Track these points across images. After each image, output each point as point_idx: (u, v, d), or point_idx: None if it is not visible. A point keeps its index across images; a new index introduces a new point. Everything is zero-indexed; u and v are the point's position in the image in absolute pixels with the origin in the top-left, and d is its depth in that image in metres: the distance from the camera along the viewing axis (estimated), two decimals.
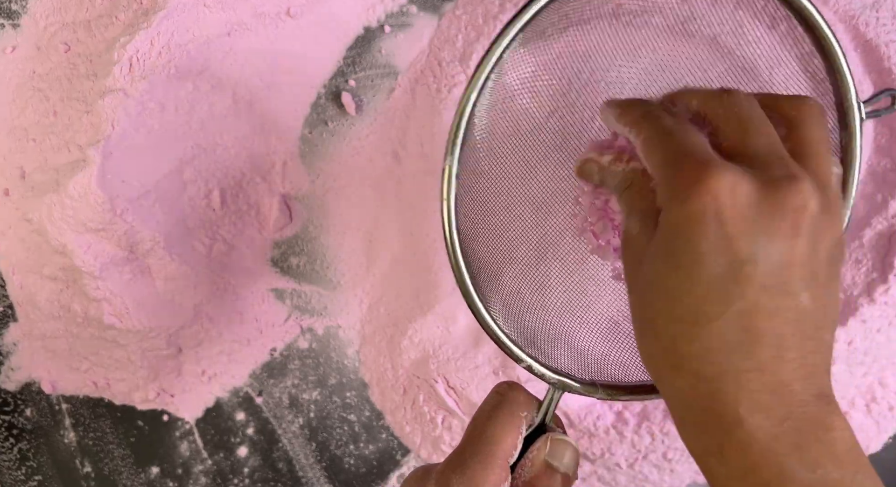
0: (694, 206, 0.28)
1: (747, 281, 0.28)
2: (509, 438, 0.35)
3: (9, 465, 0.60)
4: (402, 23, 0.58)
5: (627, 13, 0.40)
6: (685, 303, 0.29)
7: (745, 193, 0.28)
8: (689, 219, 0.28)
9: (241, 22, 0.54)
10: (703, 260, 0.28)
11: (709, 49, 0.41)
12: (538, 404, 0.37)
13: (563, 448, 0.36)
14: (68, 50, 0.55)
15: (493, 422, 0.35)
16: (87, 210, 0.52)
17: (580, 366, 0.39)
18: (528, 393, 0.37)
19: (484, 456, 0.34)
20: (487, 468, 0.34)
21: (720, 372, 0.29)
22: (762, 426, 0.28)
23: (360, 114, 0.58)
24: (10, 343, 0.60)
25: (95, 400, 0.60)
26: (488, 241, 0.40)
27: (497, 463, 0.34)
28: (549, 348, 0.40)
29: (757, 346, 0.29)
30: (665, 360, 0.30)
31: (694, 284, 0.29)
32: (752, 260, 0.28)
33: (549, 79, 0.41)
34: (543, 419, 0.37)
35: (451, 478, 0.34)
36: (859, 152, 0.37)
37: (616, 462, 0.55)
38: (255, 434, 0.60)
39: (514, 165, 0.41)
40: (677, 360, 0.30)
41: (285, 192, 0.58)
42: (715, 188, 0.28)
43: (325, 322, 0.60)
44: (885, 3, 0.52)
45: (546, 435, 0.36)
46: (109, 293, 0.54)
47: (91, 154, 0.51)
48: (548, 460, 0.36)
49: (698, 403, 0.29)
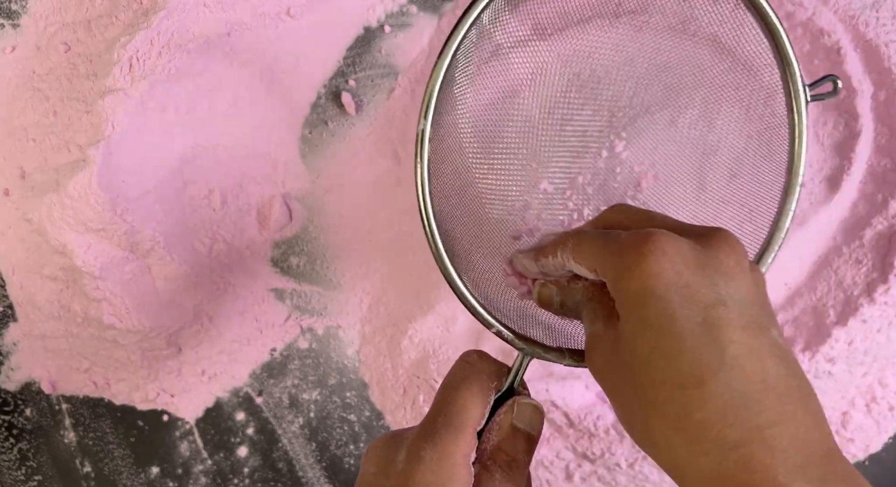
0: (652, 265, 0.29)
1: (728, 323, 0.29)
2: (478, 407, 0.36)
3: (9, 465, 0.60)
4: (402, 23, 0.58)
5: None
6: (683, 362, 0.29)
7: (686, 246, 0.30)
8: (648, 281, 0.29)
9: (241, 22, 0.54)
10: (679, 314, 0.29)
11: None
12: (507, 371, 0.37)
13: (527, 410, 0.37)
14: (68, 50, 0.55)
15: (462, 392, 0.36)
16: (87, 210, 0.52)
17: (548, 337, 0.40)
18: (497, 362, 0.38)
19: (454, 426, 0.35)
20: (458, 437, 0.34)
21: (744, 433, 0.27)
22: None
23: (360, 114, 0.58)
24: (10, 343, 0.60)
25: (95, 400, 0.60)
26: (462, 219, 0.41)
27: (467, 432, 0.35)
28: (519, 321, 0.40)
29: (764, 395, 0.28)
30: (680, 438, 0.29)
31: (683, 339, 0.29)
32: (722, 301, 0.29)
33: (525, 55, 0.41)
34: (512, 383, 0.37)
35: (422, 448, 0.34)
36: (805, 136, 0.40)
37: (616, 462, 0.55)
38: (255, 434, 0.60)
39: (487, 139, 0.42)
40: (695, 432, 0.28)
41: (285, 192, 0.58)
42: (660, 247, 0.30)
43: (325, 322, 0.60)
44: (885, 3, 0.52)
45: (512, 400, 0.37)
46: (109, 293, 0.54)
47: (91, 154, 0.51)
48: (514, 423, 0.37)
49: (733, 482, 0.27)
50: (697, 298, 0.29)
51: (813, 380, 0.50)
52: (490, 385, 0.36)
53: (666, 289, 0.29)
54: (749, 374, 0.28)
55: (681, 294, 0.29)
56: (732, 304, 0.29)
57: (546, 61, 0.43)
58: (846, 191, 0.53)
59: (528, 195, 0.44)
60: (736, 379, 0.28)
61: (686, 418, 0.28)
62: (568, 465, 0.56)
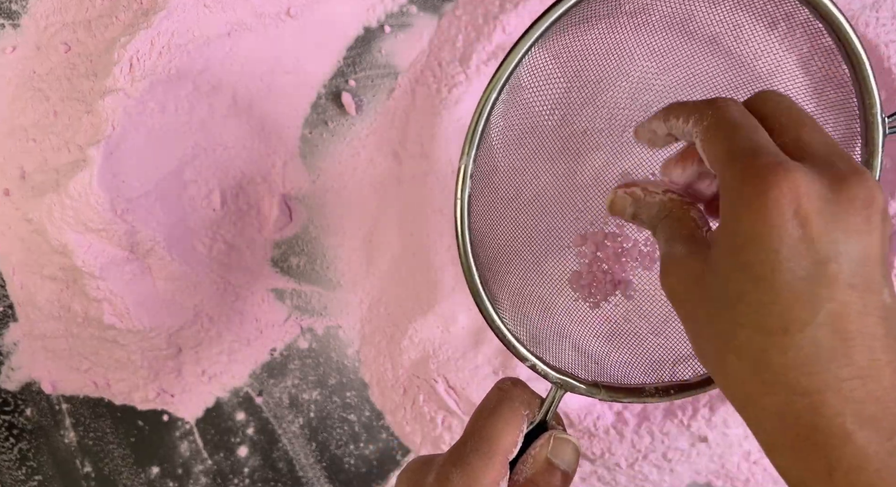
0: (772, 210, 0.27)
1: (834, 281, 0.27)
2: (510, 435, 0.35)
3: (9, 465, 0.60)
4: (402, 23, 0.58)
5: (633, 13, 0.40)
6: (772, 313, 0.27)
7: (818, 192, 0.27)
8: (763, 226, 0.27)
9: (241, 22, 0.54)
10: (786, 265, 0.27)
11: (711, 49, 0.41)
12: (540, 402, 0.37)
13: (565, 447, 0.36)
14: (68, 50, 0.56)
15: (494, 418, 0.35)
16: (87, 210, 0.52)
17: (582, 366, 0.40)
18: (530, 391, 0.37)
19: (484, 452, 0.34)
20: (487, 464, 0.34)
21: (820, 383, 0.27)
22: (872, 441, 0.26)
23: (360, 114, 0.58)
24: (10, 343, 0.60)
25: (95, 400, 0.60)
26: (497, 239, 0.41)
27: (497, 460, 0.34)
28: (554, 347, 0.40)
29: (853, 350, 0.27)
30: (754, 377, 0.28)
31: (778, 292, 0.27)
32: (835, 258, 0.27)
33: (561, 78, 0.41)
34: (545, 417, 0.37)
35: (451, 472, 0.34)
36: (880, 167, 0.36)
37: (616, 462, 0.55)
38: (256, 434, 0.60)
39: (525, 163, 0.41)
40: (770, 376, 0.28)
41: (285, 192, 0.58)
42: (792, 189, 0.27)
43: (325, 322, 0.60)
44: (885, 3, 0.52)
45: (549, 433, 0.36)
46: (109, 293, 0.54)
47: (91, 154, 0.51)
48: (550, 458, 0.36)
49: (797, 422, 0.27)
50: (812, 251, 0.27)
51: None
52: (523, 413, 0.35)
53: (779, 242, 0.27)
54: (840, 332, 0.27)
55: (794, 248, 0.27)
56: (846, 262, 0.27)
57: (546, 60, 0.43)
58: None
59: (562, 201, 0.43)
60: (824, 335, 0.27)
61: (764, 361, 0.28)
62: (577, 463, 0.56)
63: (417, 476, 0.35)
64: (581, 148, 0.41)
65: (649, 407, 0.55)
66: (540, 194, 0.42)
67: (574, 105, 0.41)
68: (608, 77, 0.41)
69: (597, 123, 0.41)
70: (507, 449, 0.35)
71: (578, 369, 0.39)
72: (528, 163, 0.41)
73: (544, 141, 0.41)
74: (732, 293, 0.28)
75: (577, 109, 0.41)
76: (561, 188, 0.41)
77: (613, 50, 0.40)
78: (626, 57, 0.41)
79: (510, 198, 0.41)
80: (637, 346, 0.40)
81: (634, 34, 0.40)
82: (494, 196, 0.40)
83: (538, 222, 0.42)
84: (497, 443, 0.34)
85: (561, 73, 0.40)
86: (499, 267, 0.40)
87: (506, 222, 0.41)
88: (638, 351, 0.40)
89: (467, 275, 0.38)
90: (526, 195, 0.41)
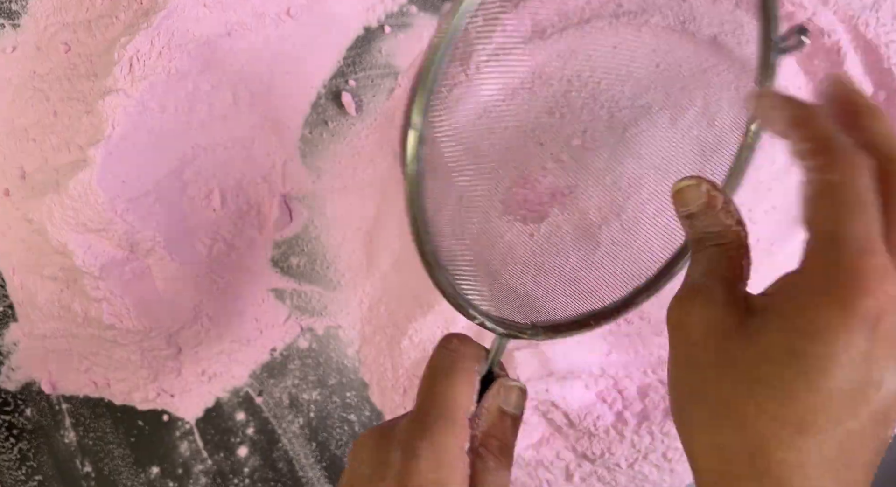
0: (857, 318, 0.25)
1: (866, 403, 0.26)
2: (468, 396, 0.35)
3: (9, 465, 0.60)
4: (402, 23, 0.58)
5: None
6: (796, 408, 0.27)
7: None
8: (844, 327, 0.26)
9: (241, 22, 0.54)
10: (838, 373, 0.26)
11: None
12: (486, 353, 0.37)
13: (512, 393, 0.36)
14: (68, 50, 0.56)
15: (449, 382, 0.35)
16: (87, 210, 0.52)
17: (516, 308, 0.39)
18: (477, 345, 0.37)
19: (447, 418, 0.34)
20: (452, 429, 0.33)
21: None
22: None
23: (360, 114, 0.58)
24: (10, 343, 0.60)
25: (95, 400, 0.60)
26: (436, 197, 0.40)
27: (460, 423, 0.34)
28: (488, 293, 0.39)
29: (849, 471, 0.27)
30: (743, 457, 0.28)
31: (814, 392, 0.26)
32: (878, 384, 0.26)
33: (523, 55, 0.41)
34: (491, 367, 0.37)
35: (418, 446, 0.33)
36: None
37: (616, 462, 0.55)
38: (256, 434, 0.60)
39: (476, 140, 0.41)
40: (763, 463, 0.27)
41: (285, 192, 0.58)
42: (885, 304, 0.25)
43: (325, 322, 0.60)
44: (885, 3, 0.52)
45: (498, 383, 0.36)
46: (109, 293, 0.54)
47: (91, 154, 0.51)
48: (502, 406, 0.36)
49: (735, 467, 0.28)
50: (863, 370, 0.26)
51: None
52: (474, 369, 0.36)
53: (846, 351, 0.26)
54: (847, 452, 0.27)
55: (854, 360, 0.26)
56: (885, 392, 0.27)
57: (545, 61, 0.43)
58: None
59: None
60: (831, 449, 0.27)
61: (762, 446, 0.27)
62: (568, 465, 0.56)
63: (379, 454, 0.34)
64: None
65: (649, 407, 0.55)
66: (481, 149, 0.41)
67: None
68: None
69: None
70: (466, 410, 0.34)
71: (514, 314, 0.39)
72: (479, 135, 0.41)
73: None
74: (764, 371, 0.27)
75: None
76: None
77: None
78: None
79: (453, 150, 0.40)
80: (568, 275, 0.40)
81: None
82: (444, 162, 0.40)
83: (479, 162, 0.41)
84: (457, 407, 0.34)
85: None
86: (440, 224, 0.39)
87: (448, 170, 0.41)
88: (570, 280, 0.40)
89: (420, 245, 0.37)
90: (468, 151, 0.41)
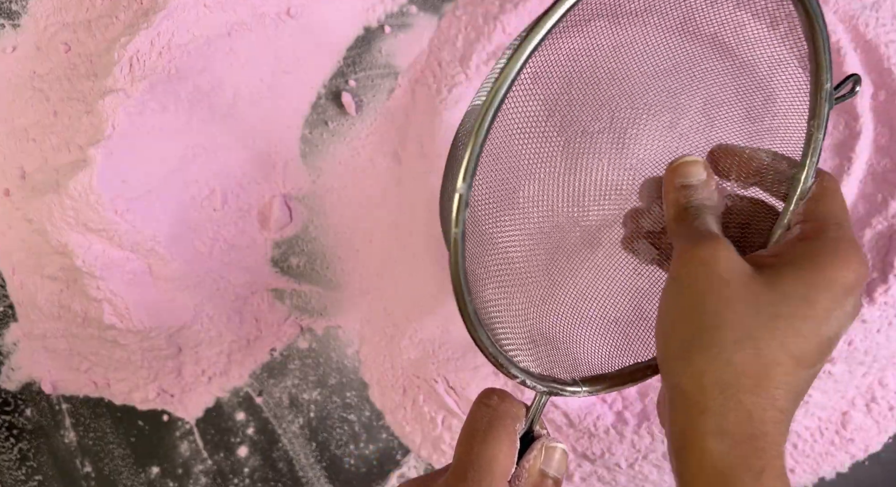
0: (858, 280, 0.33)
1: (829, 352, 0.33)
2: (508, 457, 0.34)
3: (9, 465, 0.60)
4: (402, 23, 0.58)
5: (627, 14, 0.40)
6: (801, 344, 0.31)
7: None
8: (849, 286, 0.32)
9: (241, 22, 0.54)
10: (833, 323, 0.32)
11: (711, 49, 0.41)
12: (526, 409, 0.36)
13: (554, 454, 0.36)
14: (68, 50, 0.56)
15: (490, 442, 0.34)
16: (88, 210, 0.52)
17: (558, 363, 0.39)
18: (517, 403, 0.36)
19: (486, 481, 0.33)
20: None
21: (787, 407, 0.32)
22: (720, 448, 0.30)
23: (360, 114, 0.58)
24: (10, 343, 0.60)
25: (95, 400, 0.60)
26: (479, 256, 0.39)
27: (499, 484, 0.33)
28: (533, 344, 0.39)
29: (797, 403, 0.32)
30: (750, 374, 0.31)
31: (815, 335, 0.32)
32: (838, 339, 0.34)
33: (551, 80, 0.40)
34: (531, 425, 0.36)
35: None
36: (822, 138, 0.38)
37: (616, 462, 0.55)
38: (256, 434, 0.60)
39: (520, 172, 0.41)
40: (766, 382, 0.31)
41: (285, 192, 0.58)
42: (864, 273, 0.33)
43: (325, 322, 0.60)
44: (885, 3, 0.52)
45: (539, 443, 0.35)
46: (109, 293, 0.54)
47: (91, 154, 0.51)
48: (543, 469, 0.35)
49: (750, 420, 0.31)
50: (849, 321, 0.33)
51: None
52: (515, 428, 0.34)
53: (852, 306, 0.33)
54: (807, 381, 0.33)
55: (849, 314, 0.33)
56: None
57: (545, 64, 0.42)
58: (846, 191, 0.53)
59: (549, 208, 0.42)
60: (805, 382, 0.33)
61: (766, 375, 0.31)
62: (568, 465, 0.56)
63: None
64: (579, 149, 0.41)
65: (649, 407, 0.55)
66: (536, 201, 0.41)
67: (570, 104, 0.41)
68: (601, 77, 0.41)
69: (596, 124, 0.41)
70: (506, 472, 0.34)
71: (556, 368, 0.38)
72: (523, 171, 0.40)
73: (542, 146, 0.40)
74: (783, 310, 0.31)
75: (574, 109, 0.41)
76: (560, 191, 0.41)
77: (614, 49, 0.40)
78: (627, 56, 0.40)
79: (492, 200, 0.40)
80: (607, 330, 0.40)
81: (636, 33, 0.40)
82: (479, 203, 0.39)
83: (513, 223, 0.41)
84: (497, 468, 0.33)
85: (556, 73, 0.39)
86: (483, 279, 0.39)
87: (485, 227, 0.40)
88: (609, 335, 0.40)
89: (461, 305, 0.35)
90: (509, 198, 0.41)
